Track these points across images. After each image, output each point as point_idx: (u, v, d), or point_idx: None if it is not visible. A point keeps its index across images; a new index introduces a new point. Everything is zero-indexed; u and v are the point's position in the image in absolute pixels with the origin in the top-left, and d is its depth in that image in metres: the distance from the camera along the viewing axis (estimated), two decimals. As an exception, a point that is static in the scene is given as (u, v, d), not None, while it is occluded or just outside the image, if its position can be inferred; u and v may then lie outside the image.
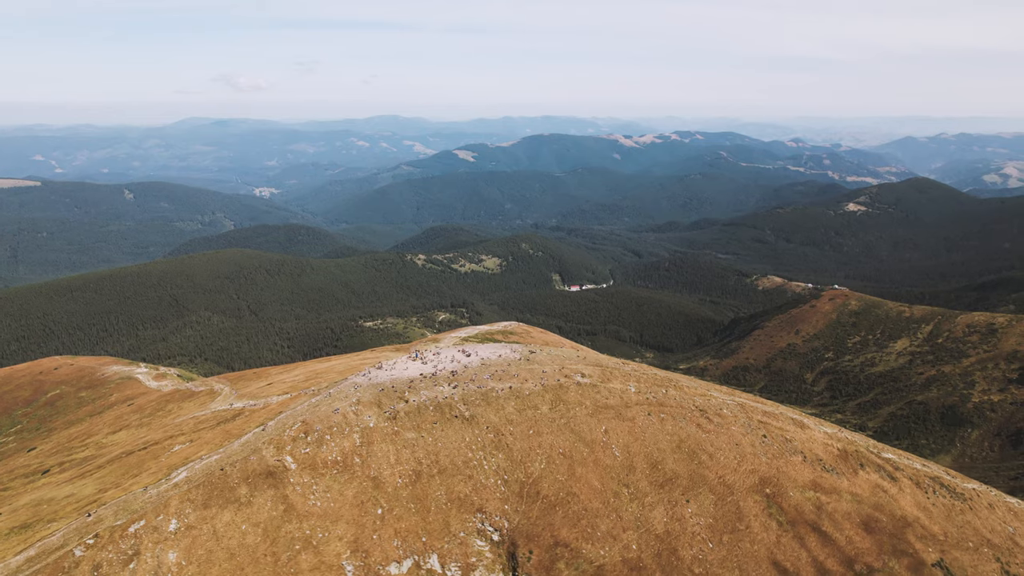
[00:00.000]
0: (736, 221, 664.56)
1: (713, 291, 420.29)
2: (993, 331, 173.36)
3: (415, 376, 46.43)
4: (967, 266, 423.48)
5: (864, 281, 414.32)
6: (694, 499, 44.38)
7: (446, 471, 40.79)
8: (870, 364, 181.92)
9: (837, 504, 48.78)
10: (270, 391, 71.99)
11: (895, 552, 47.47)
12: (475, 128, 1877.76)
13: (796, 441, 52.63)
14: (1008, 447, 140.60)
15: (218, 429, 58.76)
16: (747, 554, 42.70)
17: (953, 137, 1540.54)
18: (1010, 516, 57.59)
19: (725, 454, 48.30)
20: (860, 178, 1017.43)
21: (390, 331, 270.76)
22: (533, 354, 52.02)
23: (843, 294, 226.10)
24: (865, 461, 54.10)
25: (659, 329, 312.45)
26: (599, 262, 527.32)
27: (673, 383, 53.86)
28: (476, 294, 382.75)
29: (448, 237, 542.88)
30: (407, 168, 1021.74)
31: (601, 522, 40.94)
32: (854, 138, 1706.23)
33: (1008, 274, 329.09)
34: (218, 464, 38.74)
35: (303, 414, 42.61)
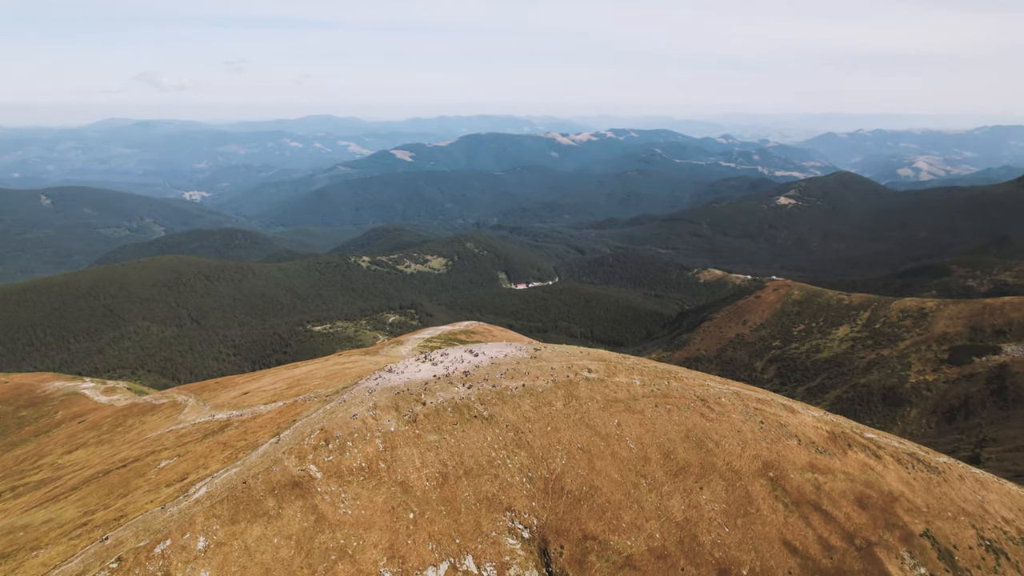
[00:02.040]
0: (674, 216, 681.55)
1: (657, 285, 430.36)
2: (924, 315, 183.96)
3: (428, 378, 46.09)
4: (890, 255, 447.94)
5: (798, 272, 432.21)
6: (706, 486, 45.73)
7: (472, 471, 40.74)
8: (815, 351, 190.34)
9: (833, 483, 51.16)
10: (252, 400, 69.91)
11: (887, 525, 50.16)
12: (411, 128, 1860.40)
13: (790, 426, 54.88)
14: (943, 423, 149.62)
15: (208, 442, 56.78)
16: (760, 536, 44.31)
17: (869, 133, 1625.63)
18: (977, 486, 61.62)
19: (729, 441, 49.92)
20: (788, 172, 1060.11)
21: (340, 335, 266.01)
22: (539, 351, 52.43)
23: (786, 285, 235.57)
24: (852, 441, 56.94)
25: (609, 324, 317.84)
26: (544, 259, 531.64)
27: (673, 375, 55.26)
28: (423, 295, 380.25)
29: (391, 238, 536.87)
30: (344, 169, 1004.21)
31: (624, 513, 41.73)
32: (780, 134, 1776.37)
33: (928, 262, 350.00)
34: (239, 477, 37.57)
35: (320, 421, 41.74)
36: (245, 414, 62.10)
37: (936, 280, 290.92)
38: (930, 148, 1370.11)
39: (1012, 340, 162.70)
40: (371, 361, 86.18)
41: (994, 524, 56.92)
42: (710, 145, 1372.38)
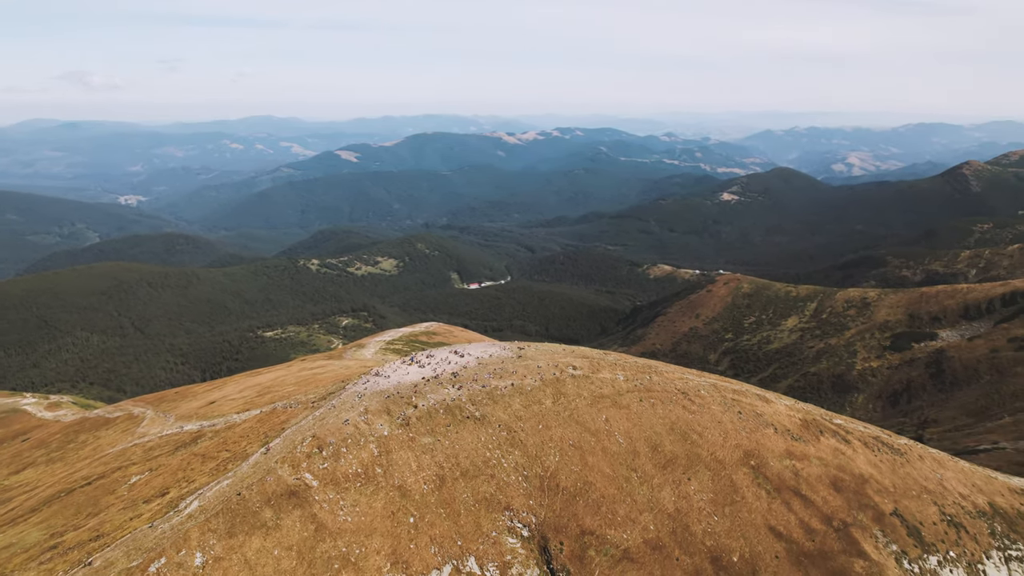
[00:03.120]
0: (622, 213, 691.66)
1: (608, 281, 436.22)
2: (867, 304, 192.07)
3: (417, 380, 45.72)
4: (830, 247, 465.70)
5: (743, 265, 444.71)
6: (694, 477, 46.78)
7: (468, 473, 40.65)
8: (766, 342, 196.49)
9: (809, 469, 53.02)
10: (221, 409, 67.89)
11: (861, 506, 52.31)
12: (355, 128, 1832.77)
13: (765, 415, 56.59)
14: (888, 407, 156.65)
15: (182, 455, 54.93)
16: (747, 523, 45.61)
17: (804, 131, 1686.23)
18: (935, 464, 64.85)
19: (711, 432, 51.16)
20: (729, 169, 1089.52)
21: (293, 340, 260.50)
22: (523, 350, 52.61)
23: (736, 278, 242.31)
24: (823, 428, 59.12)
25: (564, 321, 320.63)
26: (495, 259, 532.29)
27: (653, 369, 56.26)
28: (375, 297, 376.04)
29: (339, 240, 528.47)
30: (288, 170, 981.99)
31: (619, 507, 42.32)
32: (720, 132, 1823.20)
33: (865, 253, 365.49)
34: (232, 489, 36.54)
35: (311, 428, 40.92)
36: (218, 424, 60.26)
37: (874, 271, 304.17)
38: (860, 145, 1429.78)
39: (947, 326, 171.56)
40: (340, 366, 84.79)
41: (953, 500, 60.03)
42: (654, 143, 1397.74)
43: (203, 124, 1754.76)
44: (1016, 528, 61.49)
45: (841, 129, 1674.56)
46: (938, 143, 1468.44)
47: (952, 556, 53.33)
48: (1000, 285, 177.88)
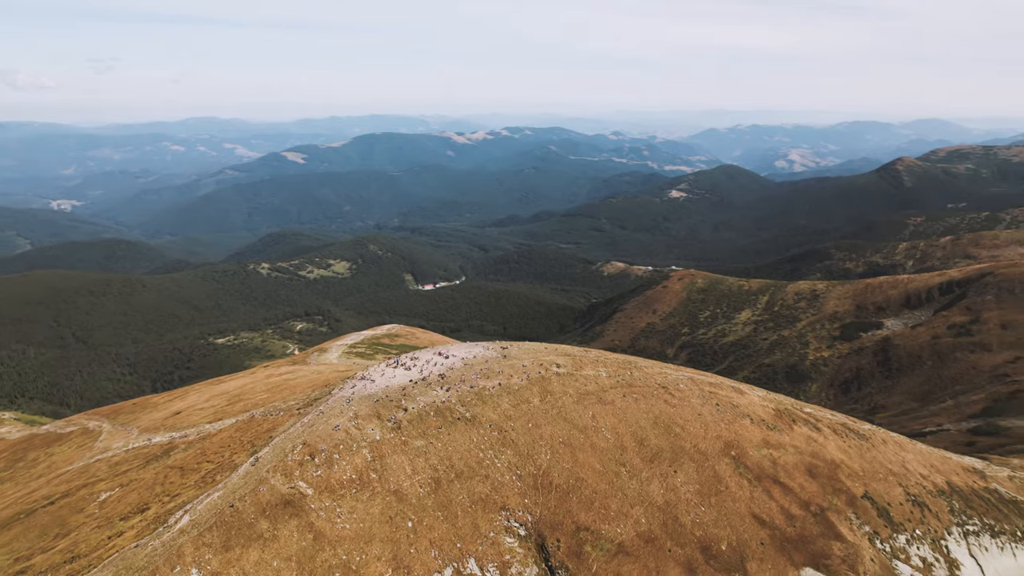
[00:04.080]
0: (573, 212, 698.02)
1: (563, 280, 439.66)
2: (816, 296, 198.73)
3: (405, 383, 45.28)
4: (775, 242, 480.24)
5: (694, 261, 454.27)
6: (679, 469, 47.67)
7: (463, 474, 40.52)
8: (722, 335, 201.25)
9: (786, 457, 54.66)
10: (190, 420, 65.80)
11: (835, 491, 54.23)
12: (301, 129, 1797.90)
13: (741, 406, 58.06)
14: (840, 394, 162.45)
15: (155, 468, 53.09)
16: (732, 512, 46.75)
17: (747, 128, 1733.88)
18: (897, 448, 67.70)
19: (693, 425, 52.22)
20: (676, 167, 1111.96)
21: (247, 346, 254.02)
22: (506, 349, 52.66)
23: (690, 274, 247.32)
24: (795, 417, 61.02)
25: (521, 320, 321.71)
26: (449, 259, 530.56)
27: (633, 364, 57.07)
28: (329, 300, 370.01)
29: (289, 243, 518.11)
30: (232, 172, 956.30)
31: (611, 502, 42.82)
32: (666, 130, 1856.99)
33: (810, 247, 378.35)
34: (224, 501, 35.55)
35: (301, 436, 40.10)
36: (190, 435, 58.41)
37: (819, 263, 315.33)
38: (800, 142, 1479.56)
39: (891, 315, 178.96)
40: (311, 371, 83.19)
41: (915, 481, 62.76)
42: (602, 142, 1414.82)
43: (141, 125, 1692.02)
44: (971, 505, 64.62)
45: (782, 127, 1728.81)
46: (871, 140, 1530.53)
47: (918, 534, 55.77)
48: (938, 275, 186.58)
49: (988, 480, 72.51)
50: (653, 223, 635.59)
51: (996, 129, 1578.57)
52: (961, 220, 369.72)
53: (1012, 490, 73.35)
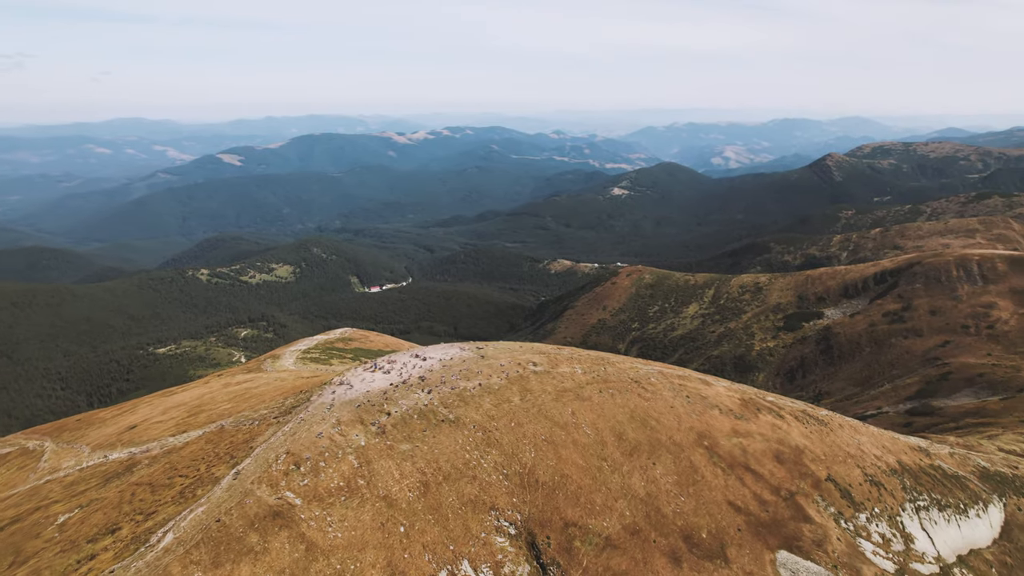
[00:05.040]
0: (518, 211, 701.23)
1: (511, 279, 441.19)
2: (759, 289, 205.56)
3: (386, 387, 44.74)
4: (716, 237, 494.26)
5: (638, 257, 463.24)
6: (658, 461, 48.69)
7: (451, 476, 40.37)
8: (671, 329, 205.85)
9: (754, 445, 56.45)
10: (150, 434, 63.23)
11: (801, 475, 56.34)
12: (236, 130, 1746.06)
13: (710, 397, 59.66)
14: (786, 383, 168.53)
15: (117, 486, 50.87)
16: (710, 500, 48.04)
17: (684, 126, 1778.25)
18: (853, 431, 70.81)
19: (667, 417, 53.38)
20: (617, 165, 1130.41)
21: (190, 355, 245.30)
22: (482, 349, 52.65)
23: (638, 270, 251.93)
24: (759, 406, 63.07)
25: (472, 320, 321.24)
26: (394, 260, 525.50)
27: (606, 360, 57.88)
28: (273, 305, 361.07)
29: (228, 248, 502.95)
30: (165, 176, 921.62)
31: (596, 497, 43.40)
32: (606, 128, 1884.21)
33: (749, 241, 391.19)
34: (209, 516, 34.45)
35: (283, 445, 39.17)
36: (152, 449, 56.14)
37: (759, 257, 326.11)
38: (735, 139, 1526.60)
39: (831, 305, 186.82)
40: (273, 378, 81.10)
41: (871, 462, 65.78)
42: (543, 140, 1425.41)
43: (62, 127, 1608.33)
44: (920, 481, 68.14)
45: (717, 125, 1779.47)
46: (801, 137, 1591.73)
47: (877, 512, 58.47)
48: (872, 266, 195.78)
49: (932, 457, 76.63)
50: (597, 220, 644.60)
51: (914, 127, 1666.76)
52: (887, 213, 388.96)
53: (953, 466, 77.68)
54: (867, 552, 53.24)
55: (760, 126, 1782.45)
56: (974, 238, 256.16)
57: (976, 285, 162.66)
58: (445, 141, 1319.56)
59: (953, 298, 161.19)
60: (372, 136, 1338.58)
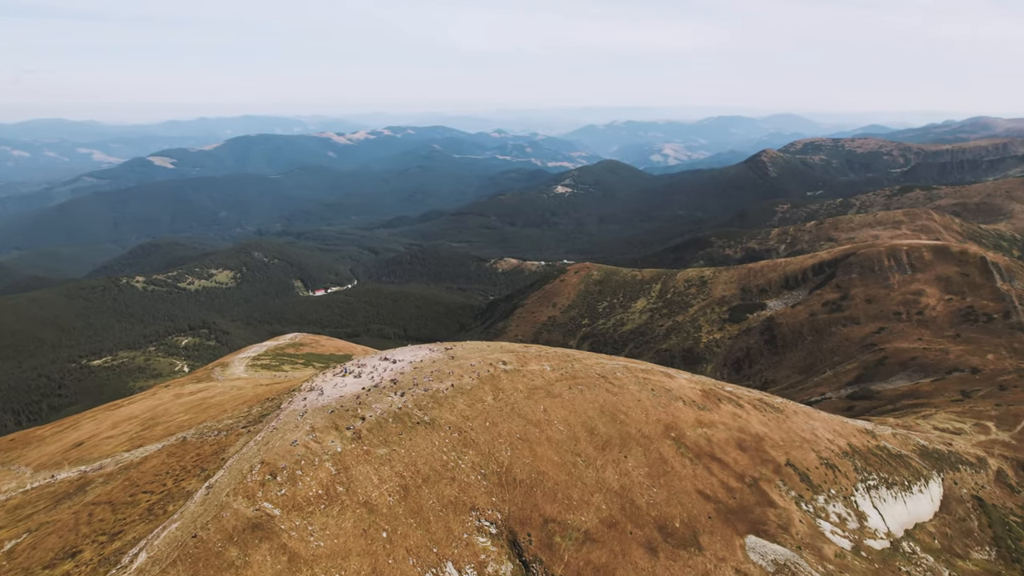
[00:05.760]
0: (463, 210, 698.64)
1: (458, 278, 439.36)
2: (704, 282, 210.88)
3: (358, 391, 44.03)
4: (658, 233, 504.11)
5: (583, 254, 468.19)
6: (629, 454, 49.50)
7: (429, 479, 40.10)
8: (620, 324, 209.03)
9: (718, 434, 58.03)
10: (101, 450, 60.42)
11: (763, 461, 58.25)
12: (167, 131, 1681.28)
13: (673, 389, 60.98)
14: (733, 373, 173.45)
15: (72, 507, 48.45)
16: (680, 490, 49.15)
17: (623, 124, 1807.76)
18: (806, 417, 73.61)
19: (635, 411, 54.30)
20: (559, 163, 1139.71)
21: (129, 366, 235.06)
22: (451, 350, 52.40)
23: (586, 267, 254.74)
24: (720, 396, 64.83)
25: (421, 321, 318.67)
26: (338, 263, 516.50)
27: (572, 357, 58.43)
28: (214, 312, 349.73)
29: (164, 254, 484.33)
30: (91, 180, 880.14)
31: (573, 492, 43.82)
32: (547, 127, 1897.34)
33: (691, 236, 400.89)
34: (184, 532, 33.26)
35: (257, 455, 38.12)
36: (107, 466, 53.64)
37: (701, 251, 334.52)
38: (673, 136, 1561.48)
39: (772, 296, 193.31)
40: (229, 387, 78.62)
41: (824, 445, 68.52)
42: (485, 140, 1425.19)
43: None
44: (869, 462, 71.35)
45: (655, 123, 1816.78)
46: (736, 134, 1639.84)
47: (833, 493, 60.97)
48: (810, 257, 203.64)
49: (878, 439, 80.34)
50: (541, 218, 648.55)
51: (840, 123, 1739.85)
52: (820, 206, 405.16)
53: (896, 445, 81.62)
54: (826, 532, 55.49)
55: (697, 124, 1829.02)
56: (900, 229, 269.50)
57: (906, 274, 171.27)
58: (386, 141, 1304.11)
59: (886, 287, 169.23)
60: (311, 137, 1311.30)
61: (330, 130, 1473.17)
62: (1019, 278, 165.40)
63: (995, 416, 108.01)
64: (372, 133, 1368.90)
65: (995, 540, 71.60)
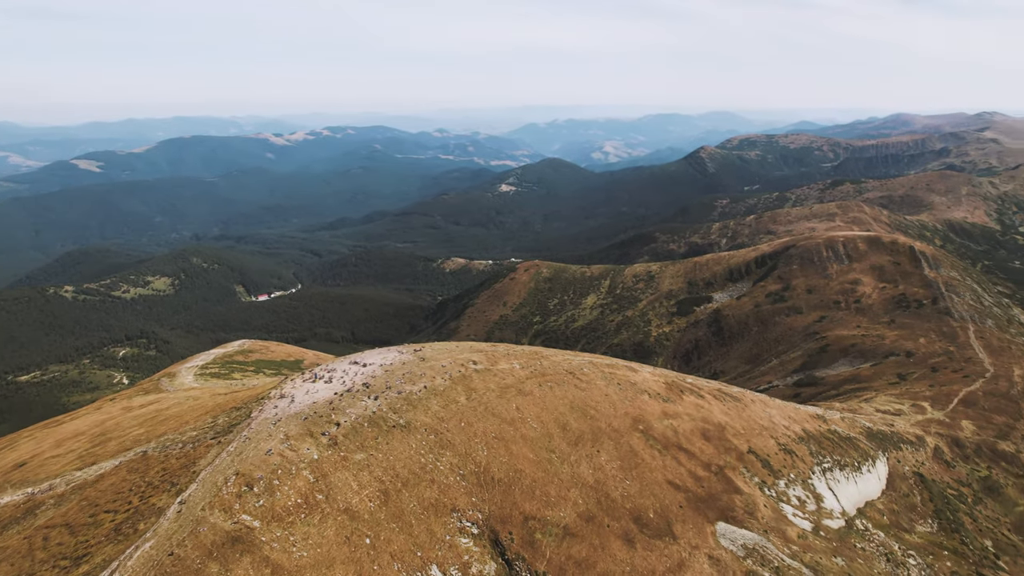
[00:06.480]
0: (407, 210, 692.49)
1: (405, 279, 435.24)
2: (652, 277, 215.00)
3: (331, 397, 43.19)
4: (602, 229, 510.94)
5: (530, 252, 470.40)
6: (601, 448, 50.14)
7: (409, 482, 39.72)
8: (572, 320, 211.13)
9: (683, 425, 59.34)
10: (49, 470, 57.36)
11: (727, 450, 59.89)
12: (91, 133, 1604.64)
13: (638, 383, 62.03)
14: (683, 365, 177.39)
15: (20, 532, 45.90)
16: (652, 481, 50.09)
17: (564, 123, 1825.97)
18: (763, 405, 76.03)
19: (603, 405, 55.02)
20: (501, 162, 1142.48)
21: (61, 380, 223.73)
22: (420, 351, 51.95)
23: (535, 265, 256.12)
24: (682, 388, 66.29)
25: (370, 324, 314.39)
26: (281, 267, 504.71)
27: (540, 354, 58.73)
28: (152, 320, 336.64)
29: (95, 261, 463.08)
30: (8, 184, 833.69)
31: (550, 488, 44.14)
32: (489, 126, 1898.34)
33: (636, 231, 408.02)
34: (160, 551, 32.01)
35: (231, 466, 36.97)
36: (57, 487, 50.97)
37: (647, 247, 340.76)
38: (613, 134, 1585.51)
39: (718, 289, 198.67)
40: (184, 397, 75.80)
41: (782, 432, 70.97)
42: (427, 139, 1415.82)
43: None
44: (823, 446, 74.25)
45: (596, 121, 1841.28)
46: (674, 131, 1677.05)
47: (792, 477, 63.21)
48: (752, 250, 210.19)
49: (828, 423, 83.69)
50: (487, 217, 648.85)
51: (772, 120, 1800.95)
52: (758, 200, 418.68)
53: (845, 429, 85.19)
54: (789, 515, 57.49)
55: (636, 121, 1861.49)
56: (835, 221, 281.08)
57: (843, 264, 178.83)
58: (326, 141, 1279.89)
59: (825, 277, 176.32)
60: (248, 138, 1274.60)
61: (267, 131, 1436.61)
62: (944, 266, 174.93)
63: (930, 396, 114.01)
64: (311, 134, 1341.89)
65: (936, 513, 75.42)
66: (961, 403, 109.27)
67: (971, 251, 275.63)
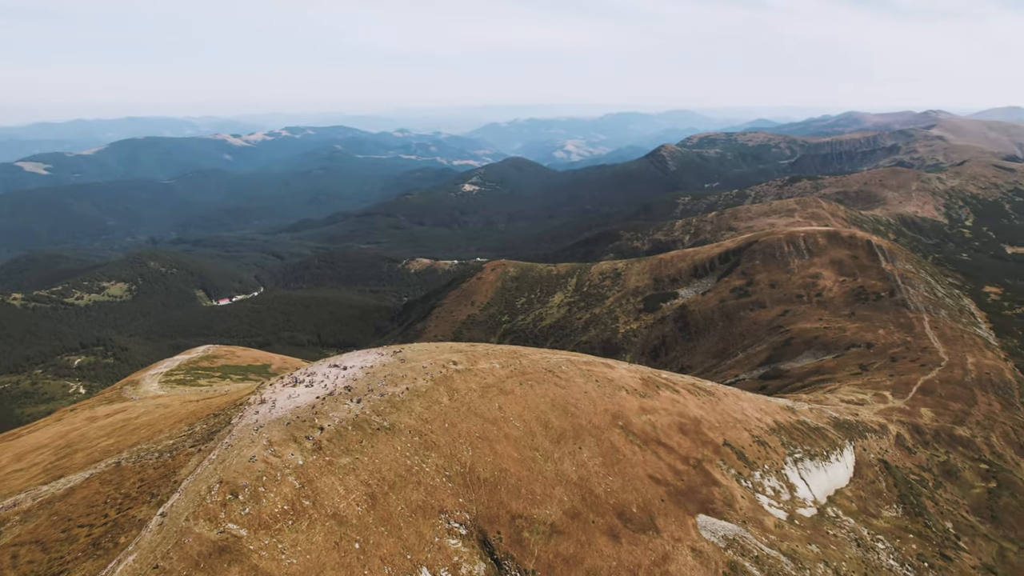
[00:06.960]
0: (370, 211, 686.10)
1: (370, 280, 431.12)
2: (618, 275, 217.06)
3: (313, 401, 42.55)
4: (567, 228, 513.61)
5: (495, 252, 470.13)
6: (583, 445, 50.49)
7: (396, 485, 39.43)
8: (540, 319, 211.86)
9: (661, 420, 60.09)
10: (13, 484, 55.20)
11: (703, 443, 60.86)
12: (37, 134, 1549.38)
13: (615, 379, 62.60)
14: (651, 361, 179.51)
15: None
16: (633, 476, 50.63)
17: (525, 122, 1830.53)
18: (735, 398, 77.45)
19: (583, 402, 55.40)
20: (464, 161, 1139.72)
21: (13, 391, 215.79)
22: (400, 353, 51.56)
23: (502, 264, 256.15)
24: (658, 383, 67.12)
25: (336, 326, 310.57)
26: (242, 270, 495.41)
27: (519, 353, 58.82)
28: (108, 327, 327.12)
29: (45, 267, 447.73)
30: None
31: (535, 486, 44.28)
32: (450, 126, 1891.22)
33: (600, 230, 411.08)
34: (143, 564, 31.17)
35: (214, 474, 36.18)
36: (23, 502, 49.05)
37: (611, 244, 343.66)
38: (575, 133, 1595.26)
39: (683, 285, 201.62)
40: (153, 405, 73.78)
41: (755, 424, 72.43)
42: (388, 139, 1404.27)
43: None
44: (794, 436, 76.01)
45: (557, 120, 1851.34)
46: (634, 130, 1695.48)
47: (767, 468, 64.55)
48: (716, 246, 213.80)
49: (797, 414, 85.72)
50: (450, 217, 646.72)
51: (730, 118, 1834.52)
52: (719, 197, 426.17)
53: (813, 419, 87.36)
54: (765, 505, 58.71)
55: (597, 120, 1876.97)
56: (794, 217, 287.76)
57: (804, 258, 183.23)
58: (285, 142, 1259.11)
59: (787, 271, 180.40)
60: (204, 139, 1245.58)
61: (224, 131, 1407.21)
62: (899, 259, 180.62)
63: (890, 386, 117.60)
64: (270, 134, 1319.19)
65: (900, 498, 77.81)
66: (919, 391, 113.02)
67: (922, 244, 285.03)
